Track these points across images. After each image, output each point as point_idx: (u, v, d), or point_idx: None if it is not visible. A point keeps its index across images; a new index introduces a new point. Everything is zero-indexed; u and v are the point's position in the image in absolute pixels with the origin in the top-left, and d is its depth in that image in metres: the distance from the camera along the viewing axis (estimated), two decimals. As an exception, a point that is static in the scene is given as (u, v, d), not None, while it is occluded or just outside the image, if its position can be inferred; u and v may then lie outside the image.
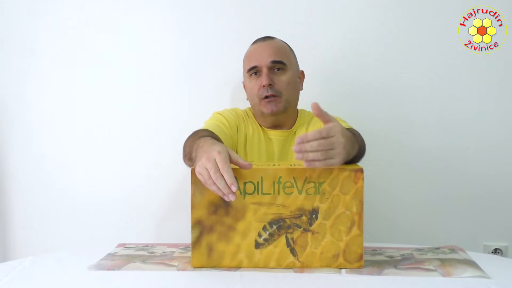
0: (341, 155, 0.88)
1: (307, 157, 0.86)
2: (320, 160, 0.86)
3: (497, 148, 1.55)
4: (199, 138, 1.00)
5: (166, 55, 1.60)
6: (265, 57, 1.26)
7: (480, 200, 1.56)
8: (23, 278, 0.91)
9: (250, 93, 1.30)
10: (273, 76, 1.25)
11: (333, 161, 0.88)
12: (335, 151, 0.87)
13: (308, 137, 0.86)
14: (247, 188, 0.91)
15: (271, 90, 1.24)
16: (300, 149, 0.86)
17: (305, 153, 0.86)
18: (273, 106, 1.25)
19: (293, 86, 1.29)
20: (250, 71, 1.28)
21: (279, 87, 1.25)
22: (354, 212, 0.92)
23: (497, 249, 1.56)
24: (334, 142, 0.87)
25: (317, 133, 0.86)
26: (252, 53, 1.30)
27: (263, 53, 1.27)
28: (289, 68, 1.28)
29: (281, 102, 1.26)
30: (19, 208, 1.65)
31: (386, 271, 0.91)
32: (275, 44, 1.30)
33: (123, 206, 1.62)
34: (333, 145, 0.87)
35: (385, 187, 1.57)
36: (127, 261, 0.99)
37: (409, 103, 1.56)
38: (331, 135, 0.87)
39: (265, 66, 1.25)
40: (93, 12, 1.60)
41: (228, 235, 0.92)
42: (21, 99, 1.63)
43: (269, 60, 1.25)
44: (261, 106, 1.27)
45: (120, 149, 1.62)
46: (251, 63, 1.28)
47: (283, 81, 1.26)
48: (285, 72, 1.27)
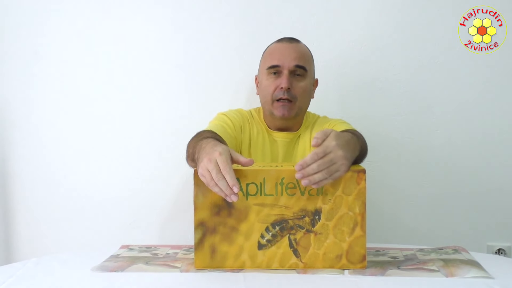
0: (344, 166, 0.89)
1: (313, 180, 0.87)
2: (326, 178, 0.87)
3: (500, 148, 1.55)
4: (201, 140, 1.01)
5: (171, 57, 1.60)
6: (290, 59, 1.24)
7: (483, 200, 1.56)
8: (26, 279, 0.91)
9: (264, 91, 1.27)
10: (292, 80, 1.24)
11: (338, 173, 0.89)
12: (337, 165, 0.88)
13: (307, 162, 0.86)
14: (249, 189, 0.91)
15: (287, 94, 1.22)
16: (303, 175, 0.86)
17: (309, 177, 0.86)
18: (285, 111, 1.23)
19: (308, 94, 1.28)
20: (270, 69, 1.26)
21: (296, 92, 1.24)
22: (357, 213, 0.92)
23: (500, 250, 1.55)
24: (332, 158, 0.87)
25: (314, 156, 0.87)
26: (276, 51, 1.27)
27: (289, 55, 1.24)
28: (308, 75, 1.27)
29: (294, 108, 1.24)
30: (23, 209, 1.66)
31: (389, 272, 0.91)
32: (301, 49, 1.28)
33: (126, 207, 1.62)
34: (332, 161, 0.87)
35: (388, 187, 1.57)
36: (131, 262, 0.99)
37: (411, 103, 1.56)
38: (328, 152, 0.87)
39: (287, 68, 1.23)
40: (97, 15, 1.60)
41: (231, 236, 0.92)
42: (25, 100, 1.64)
43: (293, 63, 1.24)
44: (273, 108, 1.25)
45: (123, 151, 1.62)
46: (273, 61, 1.25)
47: (300, 87, 1.25)
48: (304, 78, 1.26)
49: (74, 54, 1.62)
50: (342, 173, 0.89)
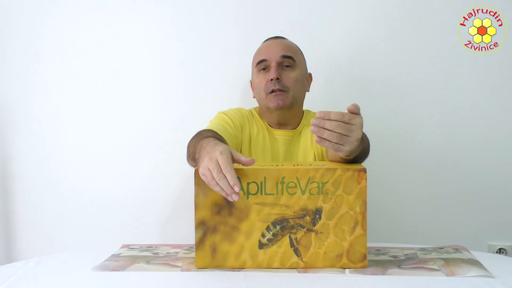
0: (352, 145, 0.88)
1: (322, 134, 0.86)
2: (332, 142, 0.86)
3: (501, 148, 1.55)
4: (202, 139, 1.01)
5: (171, 56, 1.60)
6: (275, 52, 1.26)
7: (485, 199, 1.56)
8: (28, 279, 0.91)
9: (257, 88, 1.29)
10: (281, 71, 1.25)
11: (343, 147, 0.88)
12: (349, 139, 0.87)
13: (330, 116, 0.85)
14: (250, 189, 0.91)
15: (278, 84, 1.24)
16: (319, 124, 0.85)
17: (321, 129, 0.85)
18: (279, 100, 1.24)
19: (300, 84, 1.28)
20: (259, 65, 1.28)
21: (287, 82, 1.25)
22: (357, 212, 0.92)
23: (501, 249, 1.55)
24: (352, 130, 0.87)
25: (340, 115, 0.86)
26: (262, 49, 1.31)
27: (273, 48, 1.27)
28: (298, 66, 1.28)
29: (287, 97, 1.25)
30: (24, 209, 1.66)
31: (390, 271, 0.91)
32: (285, 42, 1.31)
33: (127, 207, 1.62)
34: (350, 133, 0.87)
35: (390, 186, 1.57)
36: (132, 261, 0.99)
37: (412, 102, 1.56)
38: (353, 123, 0.87)
39: (274, 60, 1.25)
40: (98, 15, 1.60)
41: (231, 236, 0.92)
42: (26, 100, 1.64)
43: (279, 54, 1.26)
44: (267, 101, 1.26)
45: (124, 150, 1.62)
46: (260, 57, 1.28)
47: (291, 77, 1.26)
48: (293, 69, 1.27)
49: (75, 55, 1.62)
50: (344, 151, 0.89)
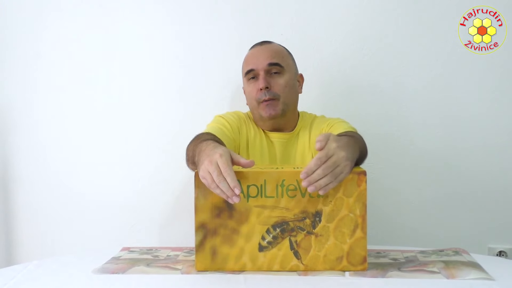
0: (347, 167, 0.89)
1: (319, 186, 0.87)
2: (332, 181, 0.87)
3: (501, 150, 1.54)
4: (201, 142, 1.01)
5: (170, 59, 1.60)
6: (262, 60, 1.26)
7: (485, 202, 1.55)
8: (28, 282, 0.91)
9: (249, 97, 1.30)
10: (270, 79, 1.25)
11: (343, 175, 0.89)
12: (341, 167, 0.88)
13: (311, 168, 0.86)
14: (250, 191, 0.91)
15: (268, 93, 1.24)
16: (310, 182, 0.86)
17: (316, 184, 0.86)
18: (271, 110, 1.24)
19: (291, 89, 1.28)
20: (248, 75, 1.28)
21: (277, 90, 1.25)
22: (357, 215, 0.92)
23: (501, 252, 1.55)
24: (335, 161, 0.87)
25: (317, 161, 0.86)
26: (249, 58, 1.31)
27: (260, 56, 1.27)
28: (287, 70, 1.28)
29: (278, 105, 1.25)
30: (24, 212, 1.66)
31: (390, 274, 0.91)
32: (271, 48, 1.30)
33: (128, 210, 1.62)
34: (336, 163, 0.87)
35: (389, 189, 1.57)
36: (132, 264, 0.99)
37: (412, 104, 1.56)
38: (330, 155, 0.87)
39: (262, 69, 1.25)
40: (98, 16, 1.61)
41: (231, 238, 0.92)
42: (27, 102, 1.64)
43: (266, 63, 1.25)
44: (259, 110, 1.26)
45: (124, 153, 1.63)
46: (248, 67, 1.29)
47: (280, 84, 1.25)
48: (282, 75, 1.27)
49: (75, 56, 1.62)
50: (346, 175, 0.89)
